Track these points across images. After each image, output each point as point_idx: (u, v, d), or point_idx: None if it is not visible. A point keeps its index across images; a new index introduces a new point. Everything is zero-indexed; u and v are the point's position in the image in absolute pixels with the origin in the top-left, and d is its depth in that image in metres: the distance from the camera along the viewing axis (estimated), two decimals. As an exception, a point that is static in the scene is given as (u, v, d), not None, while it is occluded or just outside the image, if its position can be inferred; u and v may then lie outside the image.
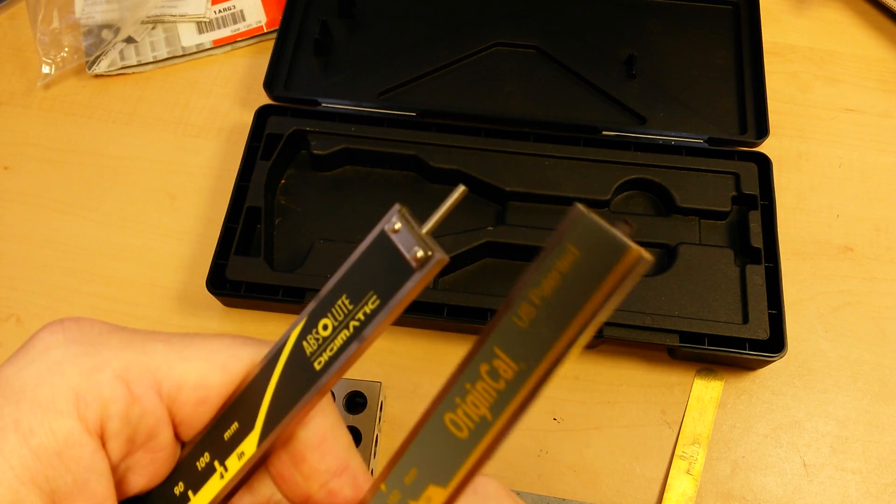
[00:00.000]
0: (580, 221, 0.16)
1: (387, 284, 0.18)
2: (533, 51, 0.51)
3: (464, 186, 0.19)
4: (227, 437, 0.20)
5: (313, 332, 0.19)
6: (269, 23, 0.54)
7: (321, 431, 0.20)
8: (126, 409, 0.19)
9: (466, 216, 0.46)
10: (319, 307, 0.19)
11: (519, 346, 0.17)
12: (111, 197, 0.49)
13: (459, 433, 0.18)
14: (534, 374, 0.17)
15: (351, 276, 0.19)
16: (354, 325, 0.18)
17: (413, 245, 0.18)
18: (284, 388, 0.19)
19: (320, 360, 0.19)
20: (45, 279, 0.46)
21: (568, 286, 0.16)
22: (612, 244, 0.16)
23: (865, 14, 0.55)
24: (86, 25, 0.53)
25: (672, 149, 0.47)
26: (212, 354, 0.20)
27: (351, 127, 0.47)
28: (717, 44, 0.52)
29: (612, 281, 0.16)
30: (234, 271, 0.42)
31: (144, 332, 0.20)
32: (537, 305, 0.17)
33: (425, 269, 0.18)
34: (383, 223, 0.18)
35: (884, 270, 0.46)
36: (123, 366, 0.19)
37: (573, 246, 0.16)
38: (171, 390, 0.19)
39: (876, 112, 0.51)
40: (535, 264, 0.17)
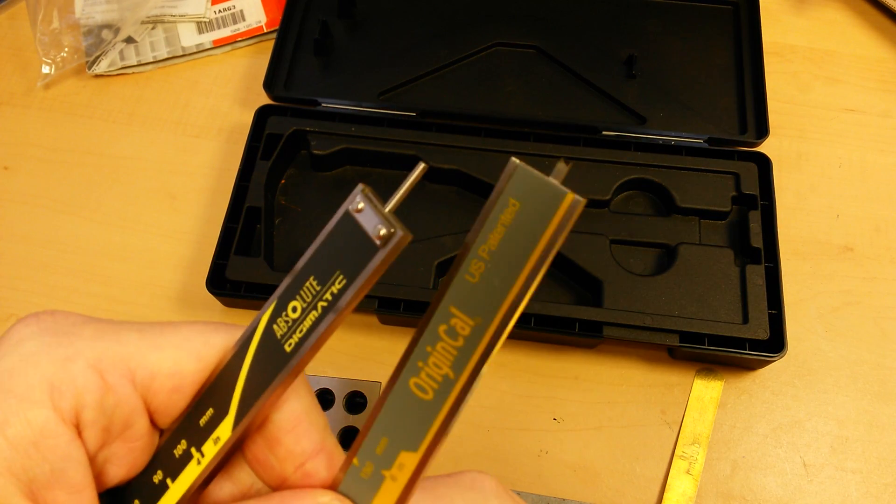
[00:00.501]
0: (517, 174, 0.18)
1: (353, 263, 0.18)
2: (533, 51, 0.51)
3: (424, 163, 0.19)
4: (202, 423, 0.20)
5: (283, 314, 0.19)
6: (269, 23, 0.54)
7: (296, 414, 0.20)
8: (100, 399, 0.19)
9: (466, 216, 0.46)
10: (288, 290, 0.19)
11: (473, 302, 0.18)
12: (111, 197, 0.49)
13: (425, 395, 0.18)
14: (490, 326, 0.18)
15: (317, 258, 0.19)
16: (322, 306, 0.19)
17: (377, 223, 0.18)
18: (257, 371, 0.19)
19: (290, 341, 0.19)
20: (45, 279, 0.46)
21: (513, 237, 0.17)
22: (549, 192, 0.17)
23: (865, 14, 0.55)
24: (86, 25, 0.53)
25: (672, 149, 0.47)
26: (184, 342, 0.20)
27: (351, 127, 0.47)
28: (718, 44, 0.52)
29: (553, 226, 0.17)
30: (234, 271, 0.42)
31: (118, 322, 0.20)
32: (486, 259, 0.18)
33: (388, 245, 0.18)
34: (347, 203, 0.19)
35: (884, 270, 0.46)
36: (96, 355, 0.19)
37: (513, 198, 0.18)
38: (144, 379, 0.19)
39: (876, 112, 0.51)
40: (480, 220, 0.18)
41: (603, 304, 0.42)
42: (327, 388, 0.40)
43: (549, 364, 0.43)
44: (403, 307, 0.42)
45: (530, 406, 0.42)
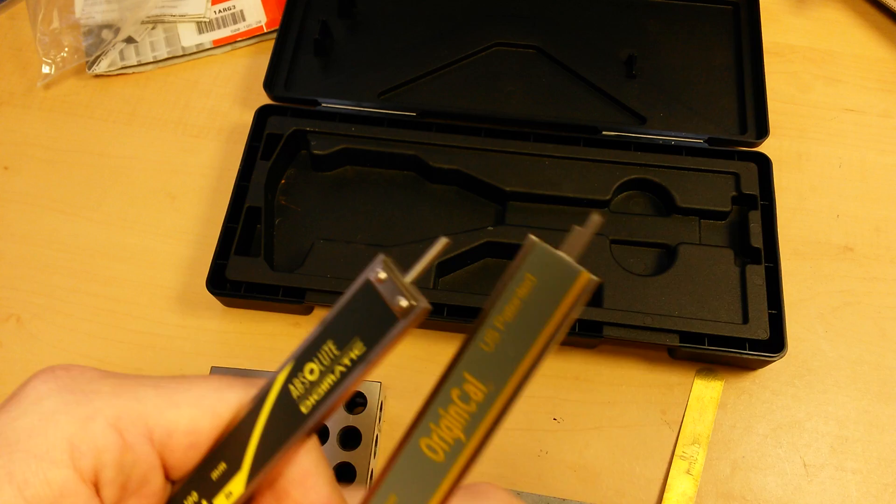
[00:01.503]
0: (534, 251, 0.19)
1: (372, 332, 0.19)
2: (533, 51, 0.51)
3: (446, 239, 0.20)
4: (214, 476, 0.20)
5: (300, 375, 0.20)
6: (269, 23, 0.54)
7: (305, 468, 0.20)
8: (120, 457, 0.19)
9: (467, 216, 0.46)
10: (306, 351, 0.20)
11: (487, 369, 0.19)
12: (111, 197, 0.49)
13: (435, 456, 0.19)
14: (502, 393, 0.19)
15: (337, 322, 0.20)
16: (341, 371, 0.19)
17: (397, 294, 0.19)
18: (272, 429, 0.20)
19: (307, 403, 0.20)
20: (46, 279, 0.46)
21: (528, 310, 0.18)
22: (565, 270, 0.18)
23: (865, 14, 0.55)
24: (86, 25, 0.53)
25: (672, 149, 0.47)
26: (201, 399, 0.20)
27: (351, 127, 0.47)
28: (718, 44, 0.52)
29: (567, 303, 0.18)
30: (234, 271, 0.42)
31: (134, 378, 0.21)
32: (501, 330, 0.19)
33: (409, 317, 0.19)
34: (368, 272, 0.19)
35: (884, 270, 0.46)
36: (116, 414, 0.19)
37: (530, 274, 0.18)
38: (162, 436, 0.20)
39: (876, 112, 0.51)
40: (497, 291, 0.19)
41: (603, 304, 0.42)
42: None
43: (549, 364, 0.43)
44: (403, 307, 0.42)
45: (530, 406, 0.42)
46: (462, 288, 0.44)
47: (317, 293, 0.42)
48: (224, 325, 0.45)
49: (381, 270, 0.19)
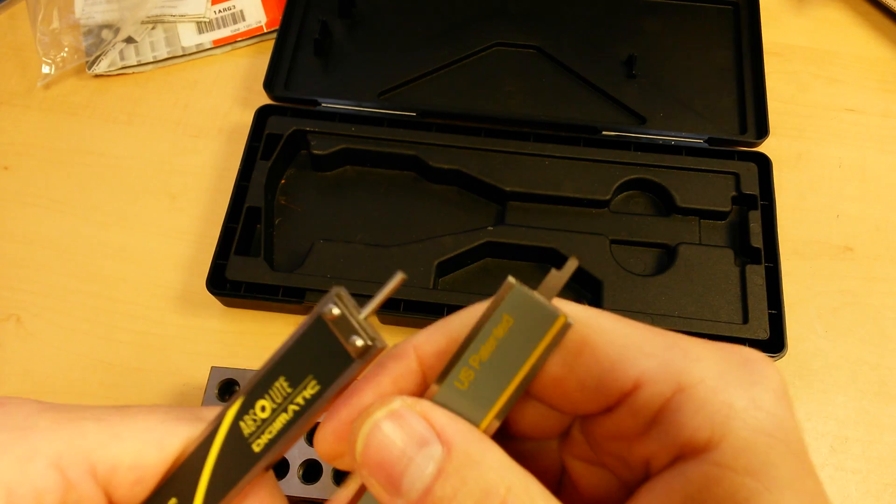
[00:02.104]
0: (512, 293, 0.18)
1: (326, 371, 0.18)
2: (533, 51, 0.51)
3: (402, 274, 0.19)
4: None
5: (250, 412, 0.19)
6: (269, 23, 0.54)
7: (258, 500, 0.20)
8: (62, 498, 0.18)
9: (467, 216, 0.46)
10: (257, 388, 0.19)
11: (460, 408, 0.18)
12: (111, 197, 0.49)
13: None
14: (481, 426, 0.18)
15: (289, 359, 0.19)
16: (294, 410, 0.19)
17: (351, 333, 0.18)
18: (223, 466, 0.19)
19: (259, 441, 0.19)
20: (45, 279, 0.46)
21: (504, 351, 0.18)
22: (542, 313, 0.18)
23: (866, 14, 0.55)
24: (86, 25, 0.53)
25: (672, 149, 0.47)
26: (146, 432, 0.19)
27: (351, 127, 0.47)
28: (717, 43, 0.52)
29: (543, 345, 0.18)
30: (233, 271, 0.42)
31: (74, 409, 0.20)
32: (476, 369, 0.18)
33: (365, 358, 0.18)
34: (320, 307, 0.19)
35: (884, 270, 0.46)
36: (56, 451, 0.18)
37: (507, 314, 0.18)
38: (105, 472, 0.19)
39: (876, 112, 0.51)
40: (473, 330, 0.18)
41: (603, 304, 0.42)
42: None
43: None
44: (403, 307, 0.42)
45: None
46: (462, 288, 0.44)
47: (317, 293, 0.42)
48: (224, 325, 0.45)
49: (335, 307, 0.18)
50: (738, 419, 0.16)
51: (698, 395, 0.17)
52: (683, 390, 0.17)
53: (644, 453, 0.18)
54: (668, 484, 0.17)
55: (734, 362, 0.17)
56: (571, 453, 0.21)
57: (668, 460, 0.17)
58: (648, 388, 0.17)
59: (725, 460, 0.16)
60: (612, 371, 0.18)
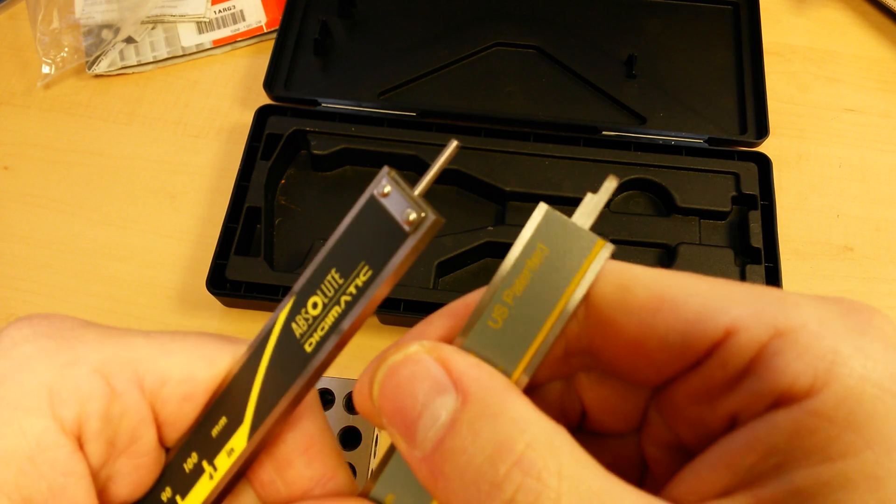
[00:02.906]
0: (546, 219, 0.17)
1: (379, 252, 0.17)
2: (533, 51, 0.51)
3: (457, 141, 0.18)
4: (214, 433, 0.18)
5: (302, 311, 0.18)
6: (269, 23, 0.54)
7: (308, 435, 0.18)
8: (106, 407, 0.17)
9: (466, 216, 0.46)
10: (307, 285, 0.18)
11: (495, 349, 0.17)
12: (111, 197, 0.49)
13: None
14: (514, 374, 0.17)
15: (340, 248, 0.18)
16: (346, 300, 0.17)
17: (405, 207, 0.17)
18: (274, 374, 0.18)
19: (311, 340, 0.17)
20: (46, 279, 0.46)
21: (540, 283, 0.17)
22: (580, 239, 0.17)
23: (865, 14, 0.55)
24: (86, 25, 0.53)
25: (672, 149, 0.47)
26: (196, 347, 0.18)
27: (351, 127, 0.47)
28: (718, 43, 0.52)
29: (582, 273, 0.16)
30: (234, 271, 0.42)
31: (121, 329, 0.19)
32: (510, 305, 0.17)
33: (419, 231, 0.17)
34: (372, 187, 0.17)
35: (884, 271, 0.46)
36: (102, 359, 0.17)
37: (542, 243, 0.17)
38: (154, 385, 0.18)
39: (876, 112, 0.51)
40: (506, 263, 0.17)
41: (603, 304, 0.42)
42: (327, 388, 0.40)
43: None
44: (403, 307, 0.42)
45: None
46: (462, 288, 0.44)
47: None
48: (224, 325, 0.45)
49: (387, 184, 0.17)
50: (845, 366, 0.14)
51: (799, 340, 0.15)
52: (782, 335, 0.15)
53: (731, 409, 0.16)
54: (751, 433, 0.15)
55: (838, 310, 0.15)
56: (651, 441, 0.19)
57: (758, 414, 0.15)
58: (742, 335, 0.15)
59: (825, 409, 0.14)
60: (698, 322, 0.16)
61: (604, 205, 0.17)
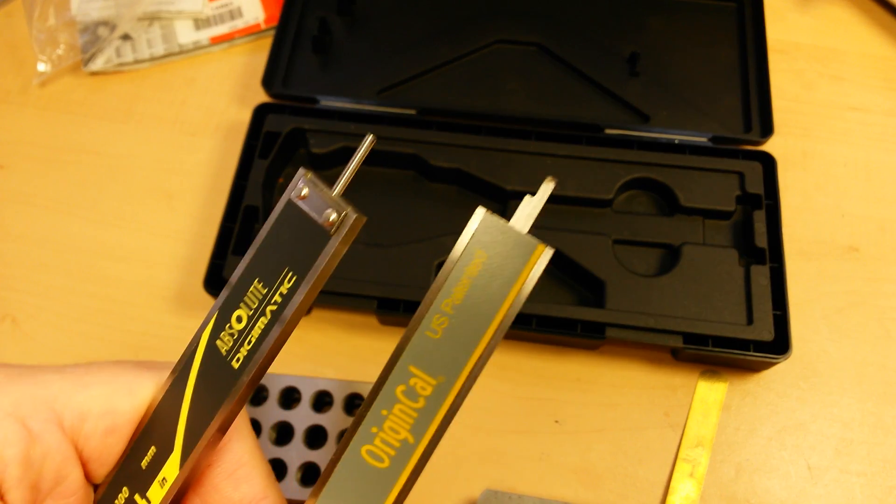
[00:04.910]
0: (483, 225, 0.17)
1: (302, 257, 0.17)
2: (534, 48, 0.51)
3: (372, 136, 0.17)
4: (144, 465, 0.18)
5: (227, 327, 0.17)
6: (267, 19, 0.53)
7: (236, 458, 0.18)
8: (25, 451, 0.16)
9: (467, 216, 0.45)
10: (230, 299, 0.17)
11: (436, 359, 0.16)
12: (107, 196, 0.48)
13: (380, 464, 0.17)
14: (455, 384, 0.16)
15: (261, 257, 0.17)
16: (272, 310, 0.17)
17: (325, 208, 0.17)
18: (202, 396, 0.17)
19: (238, 356, 0.17)
20: (41, 279, 0.46)
21: (479, 290, 0.16)
22: (518, 243, 0.16)
23: (871, 12, 0.54)
24: (82, 23, 0.53)
25: (675, 147, 0.46)
26: (114, 378, 0.18)
27: (350, 125, 0.46)
28: (722, 41, 0.51)
29: (522, 278, 0.16)
30: (231, 271, 0.42)
31: (30, 366, 0.18)
32: (449, 314, 0.16)
33: (342, 231, 0.16)
34: (289, 191, 0.17)
35: (889, 271, 0.45)
36: (14, 401, 0.16)
37: (480, 249, 0.17)
38: (74, 422, 0.17)
39: (881, 110, 0.51)
40: (443, 273, 0.16)
41: (605, 304, 0.41)
42: (326, 391, 0.39)
43: (551, 366, 0.43)
44: (403, 307, 0.41)
45: (531, 408, 0.42)
46: (462, 288, 0.43)
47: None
48: (221, 325, 0.44)
49: (304, 186, 0.17)
50: None
51: None
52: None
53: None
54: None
55: None
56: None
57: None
58: None
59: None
60: None
61: (541, 206, 0.17)
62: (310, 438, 0.38)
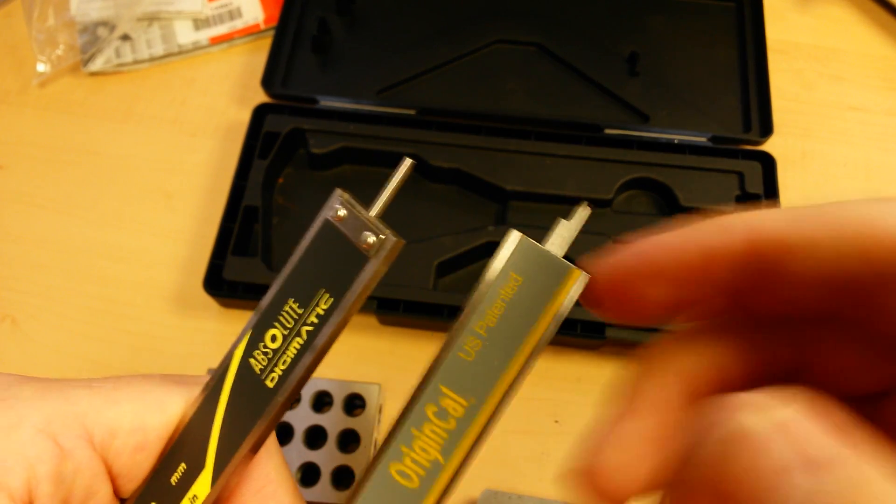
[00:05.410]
0: (519, 248, 0.17)
1: (339, 278, 0.16)
2: (534, 48, 0.51)
3: (410, 160, 0.18)
4: (174, 481, 0.17)
5: (260, 346, 0.17)
6: (266, 20, 0.53)
7: (263, 475, 0.18)
8: (57, 468, 0.16)
9: (467, 216, 0.46)
10: (264, 317, 0.17)
11: (467, 381, 0.16)
12: (107, 196, 0.48)
13: (409, 483, 0.16)
14: (485, 407, 0.17)
15: (296, 277, 0.17)
16: (308, 331, 0.17)
17: (363, 231, 0.17)
18: (235, 414, 0.17)
19: (272, 375, 0.17)
20: (41, 279, 0.46)
21: (513, 313, 0.16)
22: (553, 268, 0.16)
23: (870, 11, 0.54)
24: (81, 23, 0.52)
25: (675, 147, 0.46)
26: (144, 394, 0.18)
27: (350, 125, 0.46)
28: (721, 41, 0.51)
29: (557, 303, 0.16)
30: (231, 272, 0.42)
31: (60, 380, 0.18)
32: (483, 336, 0.16)
33: (380, 255, 0.16)
34: (325, 212, 0.17)
35: (890, 270, 0.45)
36: (45, 417, 0.16)
37: (515, 273, 0.16)
38: (104, 438, 0.17)
39: (881, 110, 0.51)
40: (478, 294, 0.16)
41: (605, 304, 0.41)
42: (325, 391, 0.39)
43: (550, 366, 0.43)
44: (403, 308, 0.41)
45: (531, 408, 0.41)
46: (462, 289, 0.43)
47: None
48: (221, 326, 0.44)
49: (341, 207, 0.17)
50: None
51: None
52: None
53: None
54: None
55: None
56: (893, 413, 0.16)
57: None
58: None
59: None
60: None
61: (576, 231, 0.17)
62: (309, 439, 0.38)
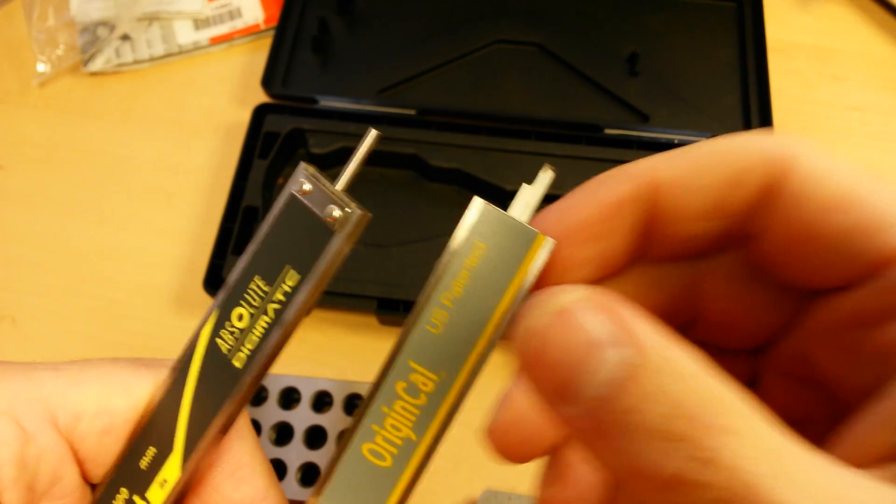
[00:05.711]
0: (482, 215, 0.16)
1: (305, 254, 0.16)
2: (534, 48, 0.51)
3: (376, 131, 0.17)
4: (143, 465, 0.17)
5: (227, 325, 0.17)
6: (266, 20, 0.53)
7: (236, 458, 0.18)
8: (20, 451, 0.16)
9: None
10: (230, 296, 0.17)
11: (437, 355, 0.16)
12: (107, 196, 0.48)
13: (382, 462, 0.16)
14: (457, 380, 0.16)
15: (262, 253, 0.17)
16: (274, 308, 0.16)
17: (328, 204, 0.16)
18: (203, 395, 0.17)
19: (240, 355, 0.17)
20: (41, 279, 0.46)
21: (479, 283, 0.16)
22: (519, 234, 0.16)
23: (870, 11, 0.54)
24: (81, 23, 0.53)
25: (675, 147, 0.46)
26: (109, 376, 0.17)
27: (350, 125, 0.46)
28: (721, 41, 0.51)
29: (523, 270, 0.16)
30: (231, 271, 0.42)
31: (23, 363, 0.18)
32: (449, 308, 0.16)
33: (346, 228, 0.16)
34: (291, 185, 0.17)
35: (890, 270, 0.45)
36: (7, 400, 0.16)
37: (479, 241, 0.16)
38: (68, 421, 0.16)
39: (881, 110, 0.51)
40: (442, 265, 0.16)
41: (605, 304, 0.41)
42: (325, 391, 0.39)
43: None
44: (403, 308, 0.41)
45: (531, 408, 0.41)
46: (462, 288, 0.43)
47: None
48: (221, 326, 0.44)
49: (306, 181, 0.16)
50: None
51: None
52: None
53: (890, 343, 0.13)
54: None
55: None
56: (774, 366, 0.16)
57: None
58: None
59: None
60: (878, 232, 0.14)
61: (541, 197, 0.16)
62: (309, 439, 0.38)
